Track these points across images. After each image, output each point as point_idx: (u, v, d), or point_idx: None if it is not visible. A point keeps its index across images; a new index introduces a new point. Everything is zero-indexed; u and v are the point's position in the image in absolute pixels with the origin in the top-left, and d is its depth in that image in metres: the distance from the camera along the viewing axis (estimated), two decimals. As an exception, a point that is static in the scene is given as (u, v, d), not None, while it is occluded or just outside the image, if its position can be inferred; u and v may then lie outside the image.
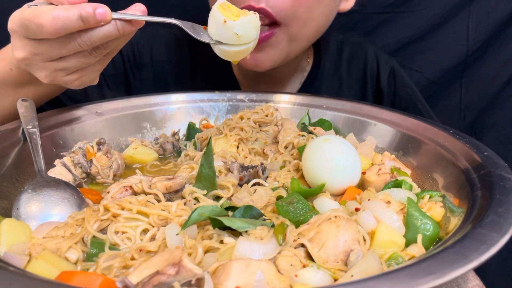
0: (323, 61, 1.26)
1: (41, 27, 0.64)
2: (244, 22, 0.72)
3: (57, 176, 0.77)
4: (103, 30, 0.66)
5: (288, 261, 0.52)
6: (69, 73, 0.74)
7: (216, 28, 0.73)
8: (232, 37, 0.72)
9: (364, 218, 0.59)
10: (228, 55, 0.76)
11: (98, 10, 0.64)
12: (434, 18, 1.55)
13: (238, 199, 0.67)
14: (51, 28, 0.63)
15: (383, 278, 0.43)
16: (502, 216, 0.52)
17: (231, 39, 0.73)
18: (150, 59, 1.23)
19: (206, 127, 1.02)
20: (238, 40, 0.73)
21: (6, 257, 0.53)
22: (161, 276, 0.46)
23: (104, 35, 0.67)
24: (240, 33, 0.72)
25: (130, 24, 0.68)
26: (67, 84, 0.76)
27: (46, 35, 0.65)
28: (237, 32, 0.72)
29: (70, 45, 0.67)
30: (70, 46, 0.67)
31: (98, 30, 0.66)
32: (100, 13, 0.64)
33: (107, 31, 0.66)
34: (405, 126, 0.88)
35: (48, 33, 0.64)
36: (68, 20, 0.63)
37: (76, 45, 0.67)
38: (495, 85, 1.60)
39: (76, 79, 0.75)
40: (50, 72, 0.72)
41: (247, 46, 0.75)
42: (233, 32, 0.72)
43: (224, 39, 0.73)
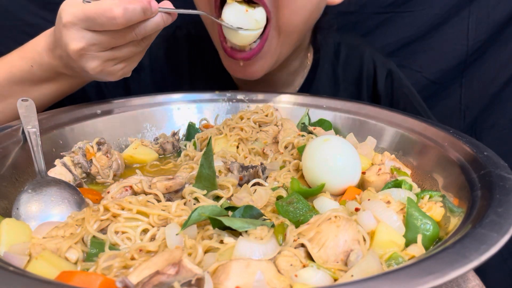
0: (322, 63, 1.26)
1: (113, 19, 0.71)
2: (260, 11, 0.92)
3: (57, 176, 0.77)
4: (154, 22, 0.76)
5: (288, 261, 0.52)
6: (118, 62, 0.82)
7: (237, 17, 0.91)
8: (253, 22, 0.92)
9: (364, 218, 0.59)
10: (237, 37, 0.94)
11: (153, 3, 0.74)
12: (434, 18, 1.55)
13: (238, 199, 0.67)
14: (123, 20, 0.72)
15: (383, 278, 0.43)
16: (502, 216, 0.52)
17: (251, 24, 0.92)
18: (149, 61, 1.23)
19: (206, 127, 1.02)
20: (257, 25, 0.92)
21: (6, 257, 0.53)
22: (161, 276, 0.46)
23: (155, 26, 0.77)
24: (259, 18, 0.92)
25: (170, 17, 0.78)
26: (111, 74, 0.83)
27: (116, 26, 0.73)
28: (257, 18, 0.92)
29: (128, 35, 0.76)
30: (128, 37, 0.76)
31: (151, 21, 0.76)
32: (154, 6, 0.74)
33: (157, 22, 0.77)
34: (405, 126, 0.88)
35: (120, 24, 0.72)
36: (135, 12, 0.72)
37: (133, 35, 0.76)
38: (495, 85, 1.60)
39: (121, 68, 0.83)
40: (101, 62, 0.79)
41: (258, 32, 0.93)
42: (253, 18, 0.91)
43: (246, 25, 0.91)
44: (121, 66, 0.83)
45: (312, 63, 1.27)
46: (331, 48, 1.28)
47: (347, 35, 1.34)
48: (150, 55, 1.23)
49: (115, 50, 0.79)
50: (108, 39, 0.76)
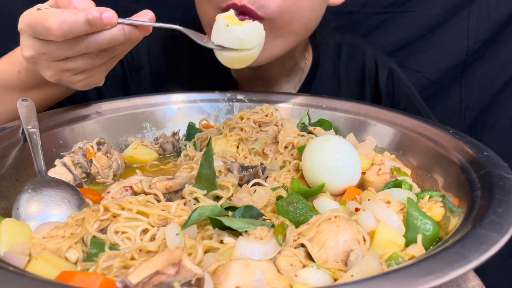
0: (322, 62, 1.26)
1: (48, 30, 0.66)
2: (248, 27, 0.74)
3: (57, 176, 0.77)
4: (109, 34, 0.68)
5: (288, 261, 0.52)
6: (75, 73, 0.76)
7: (219, 33, 0.74)
8: (235, 40, 0.73)
9: (364, 218, 0.59)
10: (231, 61, 0.76)
11: (105, 14, 0.66)
12: (434, 18, 1.55)
13: (238, 199, 0.67)
14: (59, 32, 0.65)
15: (383, 278, 0.43)
16: (502, 216, 0.52)
17: (234, 42, 0.73)
18: (148, 61, 1.23)
19: (206, 127, 1.02)
20: (240, 44, 0.73)
21: (6, 257, 0.53)
22: (161, 276, 0.46)
23: (110, 39, 0.69)
24: (243, 37, 0.73)
25: (137, 29, 0.70)
26: (72, 84, 0.78)
27: (54, 38, 0.67)
28: (240, 36, 0.73)
29: (77, 47, 0.69)
30: (77, 48, 0.69)
31: (105, 34, 0.68)
32: (106, 17, 0.66)
33: (114, 35, 0.68)
34: (405, 126, 0.88)
35: (56, 36, 0.66)
36: (75, 24, 0.65)
37: (83, 47, 0.69)
38: (495, 85, 1.60)
39: (81, 79, 0.77)
40: (56, 71, 0.74)
41: (250, 52, 0.76)
42: (236, 35, 0.73)
43: (227, 43, 0.73)
44: (81, 77, 0.77)
45: (312, 62, 1.27)
46: (332, 48, 1.28)
47: (347, 34, 1.34)
48: (150, 55, 1.23)
49: (68, 61, 0.73)
50: (56, 49, 0.70)
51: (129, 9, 1.40)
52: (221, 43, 0.74)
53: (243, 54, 0.75)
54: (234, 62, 0.77)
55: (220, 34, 0.73)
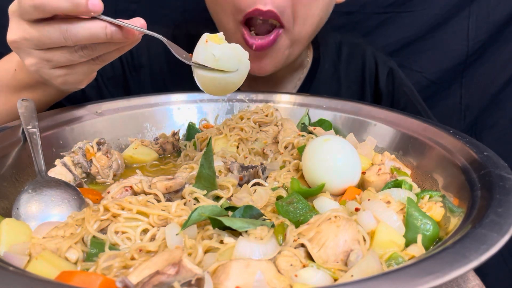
0: (322, 62, 1.27)
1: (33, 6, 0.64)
2: (226, 47, 0.69)
3: (57, 175, 0.77)
4: (90, 30, 0.66)
5: (288, 261, 0.52)
6: (54, 66, 0.74)
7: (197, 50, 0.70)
8: (210, 58, 0.68)
9: (364, 218, 0.59)
10: (205, 81, 0.71)
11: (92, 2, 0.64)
12: (434, 18, 1.55)
13: (238, 199, 0.67)
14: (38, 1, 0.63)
15: (383, 278, 0.43)
16: (502, 216, 0.52)
17: (208, 59, 0.69)
18: (148, 60, 1.23)
19: (206, 127, 1.02)
20: (215, 63, 0.69)
21: (6, 257, 0.53)
22: (161, 276, 0.46)
23: (90, 35, 0.67)
24: (218, 56, 0.68)
25: (120, 32, 0.67)
26: (51, 78, 0.76)
27: (34, 10, 0.65)
28: (215, 53, 0.68)
29: (54, 35, 0.67)
30: (54, 37, 0.67)
31: (85, 28, 0.66)
32: (93, 4, 0.64)
33: (94, 32, 0.66)
34: (405, 126, 0.88)
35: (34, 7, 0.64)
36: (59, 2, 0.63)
37: (61, 38, 0.67)
38: (495, 85, 1.60)
39: (60, 75, 0.75)
40: (36, 60, 0.73)
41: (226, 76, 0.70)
42: (211, 52, 0.68)
43: (202, 59, 0.69)
44: (60, 72, 0.75)
45: (312, 60, 1.27)
46: (332, 47, 1.29)
47: (347, 34, 1.35)
48: (149, 55, 1.23)
49: (48, 51, 0.71)
50: (36, 35, 0.68)
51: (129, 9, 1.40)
52: (197, 59, 0.70)
53: (219, 77, 0.70)
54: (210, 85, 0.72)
55: (198, 51, 0.70)
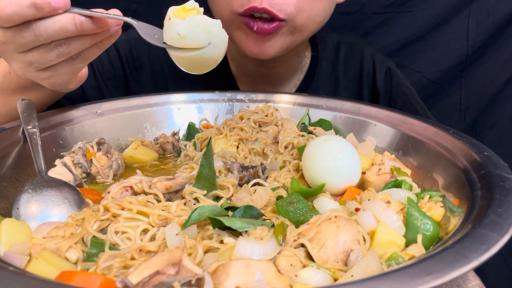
0: (320, 61, 1.27)
1: None
2: (190, 21, 0.62)
3: (58, 175, 0.77)
4: (59, 22, 0.64)
5: (288, 261, 0.52)
6: (38, 69, 0.73)
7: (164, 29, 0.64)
8: (176, 37, 0.62)
9: (364, 218, 0.59)
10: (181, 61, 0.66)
11: None
12: (434, 18, 1.55)
13: (238, 199, 0.67)
14: (2, 13, 0.63)
15: (383, 278, 0.43)
16: (502, 216, 0.52)
17: (174, 39, 0.63)
18: (149, 60, 1.23)
19: (206, 127, 1.02)
20: (181, 42, 0.63)
21: (6, 257, 0.53)
22: (161, 276, 0.46)
23: (60, 28, 0.65)
24: (184, 33, 0.62)
25: (91, 22, 0.65)
26: (39, 81, 0.76)
27: (3, 22, 0.64)
28: (180, 32, 0.62)
29: (26, 34, 0.66)
30: (27, 36, 0.66)
31: (54, 22, 0.64)
32: (56, 1, 0.63)
33: (63, 24, 0.65)
34: (405, 126, 0.88)
35: (2, 20, 0.64)
36: (20, 6, 0.62)
37: (32, 35, 0.66)
38: (495, 85, 1.60)
39: (46, 77, 0.75)
40: (20, 64, 0.72)
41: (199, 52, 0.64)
42: (175, 31, 0.62)
43: (168, 39, 0.63)
44: (45, 74, 0.74)
45: (311, 60, 1.27)
46: (330, 47, 1.29)
47: (345, 34, 1.35)
48: (150, 55, 1.23)
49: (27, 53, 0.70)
50: (10, 38, 0.67)
51: (130, 9, 1.40)
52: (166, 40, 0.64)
53: (192, 55, 0.64)
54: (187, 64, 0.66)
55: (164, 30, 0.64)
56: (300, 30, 1.03)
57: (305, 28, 1.04)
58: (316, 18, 1.04)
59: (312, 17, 1.03)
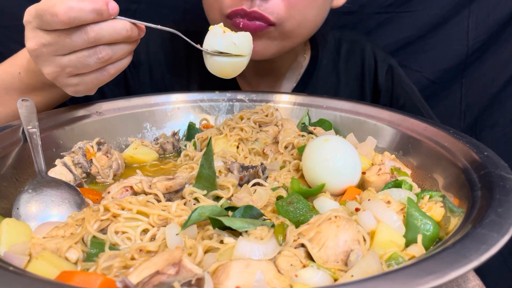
0: (321, 57, 1.27)
1: (55, 16, 0.66)
2: (241, 35, 0.79)
3: (58, 175, 0.77)
4: (113, 27, 0.69)
5: (288, 261, 0.52)
6: (70, 75, 0.75)
7: (215, 40, 0.79)
8: (231, 45, 0.78)
9: (364, 218, 0.59)
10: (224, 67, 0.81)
11: (111, 4, 0.68)
12: (434, 18, 1.55)
13: (238, 199, 0.67)
14: (65, 17, 0.66)
15: (383, 278, 0.43)
16: (502, 216, 0.52)
17: (229, 47, 0.78)
18: (147, 57, 1.23)
19: (206, 127, 1.02)
20: (236, 49, 0.78)
21: (6, 257, 0.53)
22: (161, 276, 0.46)
23: (114, 32, 0.70)
24: (238, 43, 0.78)
25: (136, 28, 0.72)
26: (64, 86, 0.78)
27: (60, 25, 0.67)
28: (235, 41, 0.78)
29: (75, 37, 0.69)
30: (76, 38, 0.69)
31: (109, 26, 0.69)
32: (112, 7, 0.68)
33: (117, 29, 0.70)
34: (405, 126, 0.88)
35: (62, 22, 0.67)
36: (82, 11, 0.66)
37: (83, 38, 0.69)
38: (495, 85, 1.60)
39: (73, 84, 0.77)
40: (54, 68, 0.74)
41: (242, 59, 0.80)
42: (231, 41, 0.78)
43: (223, 47, 0.78)
44: (75, 81, 0.76)
45: (311, 57, 1.27)
46: (331, 44, 1.29)
47: (347, 32, 1.35)
48: (148, 52, 1.23)
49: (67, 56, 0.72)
50: (58, 40, 0.70)
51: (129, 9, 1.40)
52: (217, 48, 0.78)
53: (236, 60, 0.80)
54: (226, 69, 0.81)
55: (216, 41, 0.78)
56: (290, 35, 1.02)
57: (295, 33, 1.03)
58: (307, 23, 1.03)
59: (303, 23, 1.02)
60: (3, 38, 1.38)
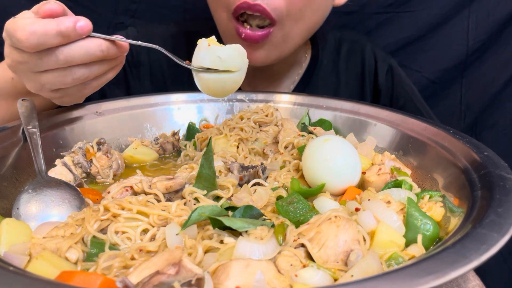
0: (321, 57, 1.27)
1: (18, 41, 0.63)
2: (228, 48, 0.72)
3: (58, 175, 0.77)
4: (85, 48, 0.64)
5: (288, 261, 0.52)
6: (51, 90, 0.73)
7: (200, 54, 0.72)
8: (216, 60, 0.71)
9: (364, 218, 0.59)
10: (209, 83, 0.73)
11: (79, 24, 0.62)
12: (434, 18, 1.55)
13: (238, 199, 0.67)
14: (27, 44, 0.63)
15: (383, 278, 0.43)
16: (502, 216, 0.52)
17: (215, 62, 0.71)
18: (147, 57, 1.23)
19: (206, 127, 1.02)
20: (222, 64, 0.71)
21: (6, 257, 0.53)
22: (161, 276, 0.46)
23: (85, 53, 0.65)
24: (224, 57, 0.71)
25: (115, 46, 0.66)
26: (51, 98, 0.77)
27: (25, 49, 0.64)
28: (221, 56, 0.71)
29: (46, 58, 0.65)
30: (46, 60, 0.65)
31: (80, 47, 0.64)
32: (81, 27, 0.62)
33: (90, 50, 0.65)
34: (405, 126, 0.88)
35: (26, 47, 0.63)
36: (46, 36, 0.62)
37: (54, 60, 0.65)
38: (495, 85, 1.60)
39: (57, 97, 0.75)
40: (34, 83, 0.71)
41: (231, 76, 0.73)
42: (216, 55, 0.71)
43: (207, 63, 0.71)
44: (58, 94, 0.74)
45: (311, 57, 1.27)
46: (331, 44, 1.29)
47: (348, 32, 1.35)
48: (149, 53, 1.23)
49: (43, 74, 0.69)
50: (29, 60, 0.66)
51: (129, 9, 1.40)
52: (202, 64, 0.72)
53: (225, 77, 0.73)
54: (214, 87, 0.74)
55: (200, 56, 0.72)
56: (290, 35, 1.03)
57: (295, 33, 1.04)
58: (306, 20, 1.04)
59: (302, 20, 1.02)
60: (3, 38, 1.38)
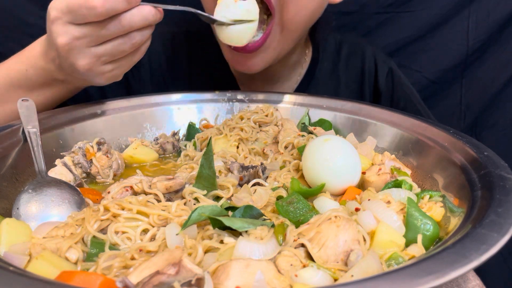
0: (321, 59, 1.27)
1: (93, 9, 0.69)
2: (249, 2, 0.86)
3: (58, 175, 0.77)
4: (141, 13, 0.73)
5: (288, 261, 0.52)
6: (106, 62, 0.79)
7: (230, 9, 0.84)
8: (245, 12, 0.85)
9: (364, 218, 0.59)
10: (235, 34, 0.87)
11: None
12: (434, 18, 1.56)
13: (238, 199, 0.67)
14: (103, 9, 0.69)
15: (383, 278, 0.43)
16: (502, 216, 0.52)
17: (244, 14, 0.85)
18: (148, 57, 1.23)
19: (206, 127, 1.02)
20: (249, 15, 0.85)
21: (6, 257, 0.53)
22: (161, 276, 0.46)
23: (142, 17, 0.74)
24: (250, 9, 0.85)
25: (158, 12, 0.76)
26: (100, 74, 0.81)
27: (96, 17, 0.71)
28: (247, 8, 0.85)
29: (113, 27, 0.73)
30: (111, 28, 0.73)
31: (138, 13, 0.73)
32: None
33: (146, 15, 0.74)
34: (405, 126, 0.88)
35: (100, 15, 0.70)
36: (116, 1, 0.70)
37: (118, 27, 0.73)
38: (495, 85, 1.60)
39: (110, 70, 0.81)
40: (89, 59, 0.77)
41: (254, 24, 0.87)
42: (245, 8, 0.85)
43: (239, 14, 0.85)
44: (110, 67, 0.81)
45: (311, 59, 1.27)
46: (332, 46, 1.29)
47: (348, 34, 1.35)
48: (149, 52, 1.23)
49: (101, 45, 0.76)
50: (92, 32, 0.73)
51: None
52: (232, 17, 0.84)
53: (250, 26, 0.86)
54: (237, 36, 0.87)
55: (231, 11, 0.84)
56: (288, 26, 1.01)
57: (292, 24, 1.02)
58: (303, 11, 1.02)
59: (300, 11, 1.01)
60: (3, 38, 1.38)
